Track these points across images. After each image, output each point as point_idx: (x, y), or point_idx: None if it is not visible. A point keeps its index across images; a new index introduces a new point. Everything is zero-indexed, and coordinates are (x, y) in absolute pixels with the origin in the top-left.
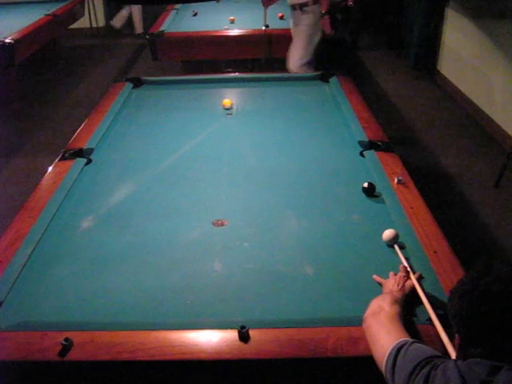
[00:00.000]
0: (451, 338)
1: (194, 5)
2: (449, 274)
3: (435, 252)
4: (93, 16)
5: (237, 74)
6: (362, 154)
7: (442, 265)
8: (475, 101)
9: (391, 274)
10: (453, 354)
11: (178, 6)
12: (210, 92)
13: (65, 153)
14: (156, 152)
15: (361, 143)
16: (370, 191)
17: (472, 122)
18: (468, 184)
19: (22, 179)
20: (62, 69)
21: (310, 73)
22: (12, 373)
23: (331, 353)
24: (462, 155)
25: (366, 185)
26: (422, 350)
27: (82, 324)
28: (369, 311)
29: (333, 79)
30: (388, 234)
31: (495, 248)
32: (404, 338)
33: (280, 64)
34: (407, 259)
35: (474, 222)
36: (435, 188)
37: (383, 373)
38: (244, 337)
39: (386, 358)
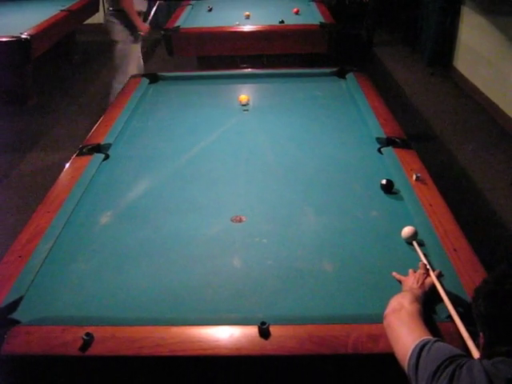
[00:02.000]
0: (472, 336)
1: (209, 0)
2: (468, 271)
3: (455, 250)
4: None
5: (253, 69)
6: (379, 151)
7: (461, 262)
8: (491, 97)
9: (411, 271)
10: (474, 351)
11: (193, 1)
12: (226, 88)
13: (82, 148)
14: (173, 148)
15: (378, 140)
16: (389, 188)
17: (488, 118)
18: (484, 180)
19: (39, 174)
20: (78, 64)
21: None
22: (33, 367)
23: (352, 350)
24: (478, 152)
25: (384, 182)
26: (446, 348)
27: (103, 319)
28: (389, 309)
29: (349, 75)
30: (407, 231)
31: None
32: (426, 336)
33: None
34: (426, 256)
35: (492, 219)
36: (451, 184)
37: (405, 371)
38: (264, 333)
39: (408, 356)
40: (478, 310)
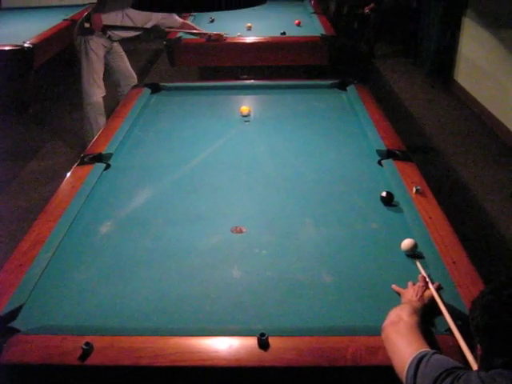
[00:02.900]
0: (471, 349)
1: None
2: (468, 284)
3: (454, 262)
4: None
5: (254, 80)
6: (380, 163)
7: (460, 275)
8: (492, 110)
9: (410, 283)
10: (473, 365)
11: (195, 12)
12: (228, 98)
13: (84, 157)
14: (174, 158)
15: (379, 152)
16: (388, 200)
17: (488, 131)
18: (485, 193)
19: (40, 182)
20: (80, 73)
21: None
22: (32, 376)
23: (350, 362)
24: (478, 164)
25: (384, 194)
26: (444, 360)
27: (102, 328)
28: (388, 321)
29: (350, 87)
30: (407, 243)
31: None
32: (424, 348)
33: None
34: (426, 269)
35: (491, 232)
36: (451, 197)
37: (403, 383)
38: (264, 344)
39: (406, 369)
40: (476, 322)
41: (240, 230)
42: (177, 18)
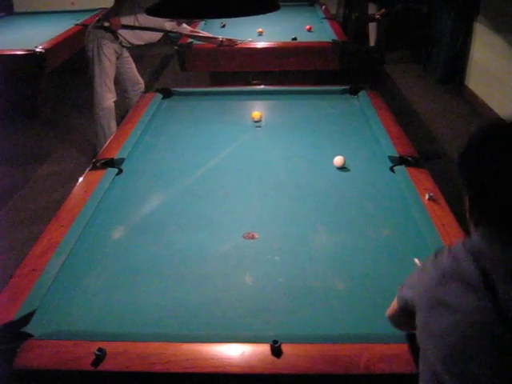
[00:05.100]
0: None
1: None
2: None
3: None
4: None
5: (265, 86)
6: (392, 170)
7: None
8: (504, 116)
9: None
10: None
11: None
12: (239, 104)
13: (96, 162)
14: (186, 164)
15: (391, 158)
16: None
17: None
18: None
19: (52, 187)
20: (90, 77)
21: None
22: (44, 381)
23: (364, 370)
24: None
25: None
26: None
27: (115, 334)
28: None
29: (362, 93)
30: (338, 160)
31: None
32: None
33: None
34: None
35: None
36: (463, 205)
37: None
38: (277, 351)
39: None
40: (464, 171)
41: (252, 236)
42: (186, 26)
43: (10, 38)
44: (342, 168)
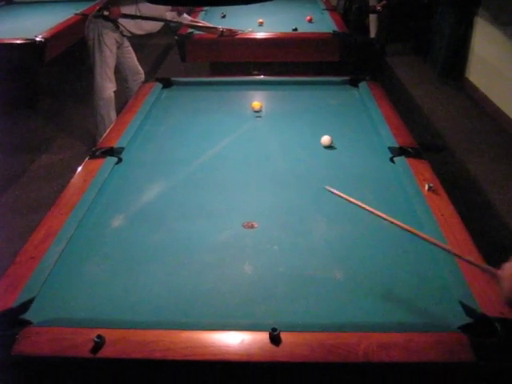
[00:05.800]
0: None
1: (223, 6)
2: (479, 281)
3: None
4: None
5: (265, 76)
6: (392, 160)
7: (472, 272)
8: (504, 109)
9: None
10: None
11: (206, 7)
12: (239, 94)
13: (95, 151)
14: (185, 153)
15: (391, 149)
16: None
17: (500, 129)
18: (496, 191)
19: (50, 176)
20: (90, 67)
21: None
22: (43, 368)
23: (362, 358)
24: (490, 164)
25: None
26: None
27: (114, 322)
28: None
29: (362, 84)
30: (325, 139)
31: None
32: None
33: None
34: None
35: (504, 230)
36: (463, 195)
37: None
38: (276, 339)
39: None
40: None
41: (252, 226)
42: (187, 16)
43: (10, 26)
44: (329, 147)
